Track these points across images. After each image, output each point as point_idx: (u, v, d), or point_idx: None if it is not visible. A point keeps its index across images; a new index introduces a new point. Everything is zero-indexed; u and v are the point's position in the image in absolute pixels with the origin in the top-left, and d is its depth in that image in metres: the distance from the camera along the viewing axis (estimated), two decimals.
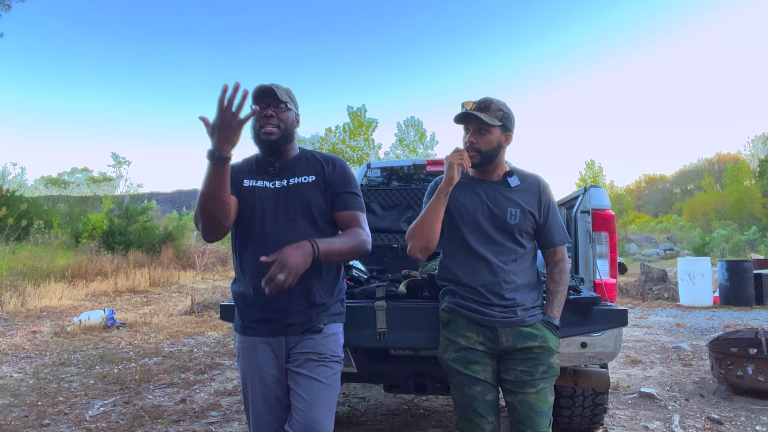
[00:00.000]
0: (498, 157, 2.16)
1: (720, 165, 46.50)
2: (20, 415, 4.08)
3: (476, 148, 2.12)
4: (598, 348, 2.49)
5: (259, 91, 1.98)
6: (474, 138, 2.12)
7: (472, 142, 2.12)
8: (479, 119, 2.09)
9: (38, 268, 11.22)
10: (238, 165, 2.11)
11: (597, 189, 3.03)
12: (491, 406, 2.07)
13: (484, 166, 2.17)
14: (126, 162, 27.42)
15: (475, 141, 2.12)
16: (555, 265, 2.19)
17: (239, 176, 2.05)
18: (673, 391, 4.63)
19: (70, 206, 20.27)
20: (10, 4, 14.37)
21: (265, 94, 1.98)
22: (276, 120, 1.99)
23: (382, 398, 4.48)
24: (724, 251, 25.82)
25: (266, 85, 1.98)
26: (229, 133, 1.71)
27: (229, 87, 1.67)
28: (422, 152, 26.35)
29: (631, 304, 10.76)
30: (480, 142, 2.11)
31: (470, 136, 2.13)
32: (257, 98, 1.98)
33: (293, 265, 1.73)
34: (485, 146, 2.12)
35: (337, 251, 1.89)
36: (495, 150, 2.13)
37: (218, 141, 1.72)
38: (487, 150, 2.12)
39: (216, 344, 6.85)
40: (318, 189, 2.02)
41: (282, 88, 2.04)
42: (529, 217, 2.14)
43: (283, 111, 2.01)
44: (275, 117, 1.98)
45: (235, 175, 2.03)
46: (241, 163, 2.13)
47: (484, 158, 2.14)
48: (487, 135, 2.11)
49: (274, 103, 1.99)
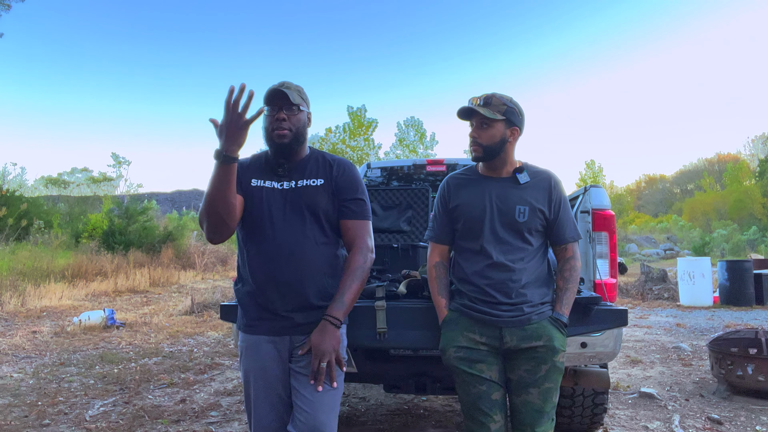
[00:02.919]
0: (504, 152, 2.14)
1: (720, 165, 46.49)
2: (20, 415, 4.08)
3: (478, 143, 2.12)
4: (598, 348, 2.48)
5: (271, 93, 1.96)
6: (476, 133, 2.12)
7: (474, 137, 2.12)
8: (479, 114, 2.09)
9: (38, 268, 11.22)
10: (246, 163, 2.10)
11: (597, 189, 3.02)
12: (497, 405, 2.07)
13: (488, 160, 2.15)
14: (126, 162, 27.43)
15: (477, 136, 2.12)
16: (566, 262, 2.17)
17: (247, 175, 2.04)
18: (673, 391, 4.63)
19: (70, 206, 20.26)
20: (10, 4, 14.38)
21: (276, 97, 1.96)
22: (288, 123, 1.97)
23: (382, 398, 4.48)
24: (724, 251, 25.82)
25: (278, 87, 1.96)
26: (236, 134, 1.75)
27: (235, 88, 1.71)
28: (422, 152, 26.33)
29: (631, 304, 10.76)
30: (482, 136, 2.11)
31: (472, 131, 2.13)
32: (269, 100, 1.97)
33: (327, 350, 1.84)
34: (487, 140, 2.11)
35: (352, 301, 1.94)
36: (498, 145, 2.12)
37: (225, 141, 1.76)
38: (489, 144, 2.11)
39: (216, 344, 6.85)
40: (325, 192, 2.01)
41: (294, 87, 2.01)
42: (539, 214, 2.12)
43: (295, 114, 1.99)
44: (287, 120, 1.97)
45: (243, 174, 2.03)
46: (250, 161, 2.11)
47: (487, 152, 2.13)
48: (489, 129, 2.10)
49: (286, 106, 1.97)
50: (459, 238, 2.21)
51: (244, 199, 2.00)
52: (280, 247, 1.93)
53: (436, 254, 2.27)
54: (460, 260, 2.20)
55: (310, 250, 1.95)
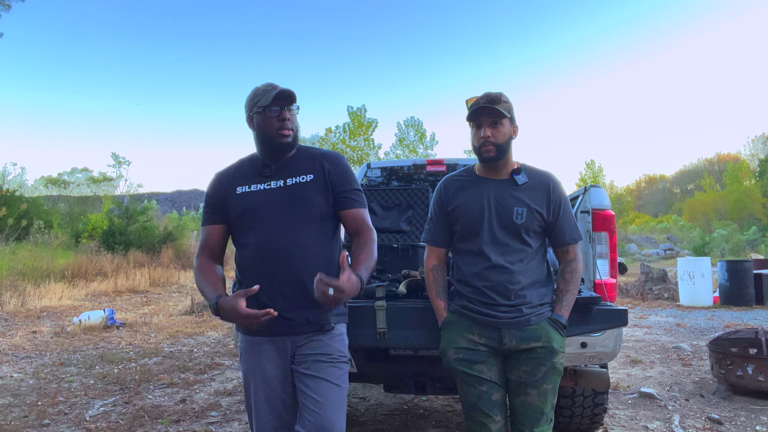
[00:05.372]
0: (509, 150, 2.15)
1: (720, 165, 46.46)
2: (20, 415, 4.08)
3: (492, 142, 2.09)
4: (598, 348, 2.48)
5: (283, 94, 1.96)
6: (489, 131, 2.09)
7: (487, 136, 2.08)
8: (494, 111, 2.06)
9: (38, 268, 11.22)
10: (230, 172, 2.10)
11: (597, 189, 3.02)
12: (497, 406, 2.07)
13: (499, 159, 2.13)
14: (126, 162, 27.35)
15: (491, 135, 2.09)
16: (567, 264, 2.17)
17: (233, 184, 2.04)
18: (673, 391, 4.63)
19: (70, 206, 20.27)
20: (10, 4, 14.35)
21: (284, 97, 1.97)
22: (290, 123, 1.99)
23: (382, 398, 4.48)
24: (724, 251, 25.81)
25: (286, 88, 1.97)
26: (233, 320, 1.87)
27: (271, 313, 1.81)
28: (422, 152, 26.31)
29: (631, 304, 10.75)
30: (495, 135, 2.09)
31: (485, 130, 2.09)
32: (278, 100, 1.97)
33: (346, 296, 1.76)
34: (501, 139, 2.09)
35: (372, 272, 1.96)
36: (508, 142, 2.12)
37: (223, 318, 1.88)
38: (502, 143, 2.10)
39: (216, 344, 6.85)
40: (317, 188, 2.00)
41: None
42: (537, 216, 2.11)
43: (295, 113, 2.02)
44: (290, 120, 1.99)
45: (229, 183, 2.05)
46: (234, 169, 2.11)
47: (500, 151, 2.10)
48: (501, 127, 2.09)
49: (289, 106, 1.99)
50: (457, 240, 2.20)
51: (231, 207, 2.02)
52: (275, 248, 1.93)
53: (433, 257, 2.26)
54: (458, 262, 2.19)
55: (307, 249, 1.94)
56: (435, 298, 2.22)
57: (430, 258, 2.27)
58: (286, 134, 1.97)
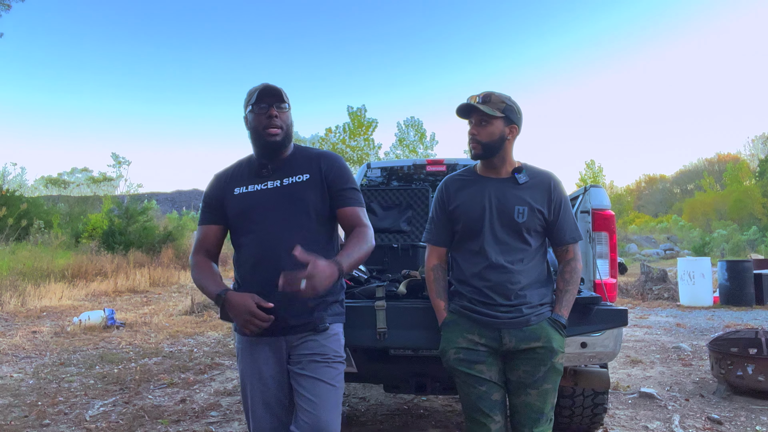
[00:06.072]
0: (502, 150, 2.14)
1: (720, 165, 46.45)
2: (20, 415, 4.08)
3: (477, 140, 2.12)
4: (598, 348, 2.48)
5: (264, 90, 1.95)
6: (475, 130, 2.12)
7: (473, 134, 2.12)
8: (479, 111, 2.08)
9: (38, 268, 11.22)
10: (229, 173, 2.09)
11: (597, 189, 3.02)
12: (497, 406, 2.07)
13: (487, 158, 2.15)
14: (126, 162, 27.36)
15: (477, 133, 2.11)
16: (566, 264, 2.17)
17: (231, 185, 2.04)
18: (673, 391, 4.63)
19: (70, 206, 20.28)
20: (10, 4, 14.37)
21: (270, 94, 1.95)
22: (279, 120, 1.97)
23: (382, 398, 4.48)
24: (724, 251, 25.81)
25: (270, 85, 1.95)
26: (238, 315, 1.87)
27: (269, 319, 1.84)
28: (422, 152, 26.31)
29: (631, 304, 10.75)
30: (481, 133, 2.11)
31: (471, 128, 2.13)
32: (262, 97, 1.95)
33: (319, 282, 1.71)
34: (486, 138, 2.10)
35: (357, 262, 1.91)
36: (497, 142, 2.12)
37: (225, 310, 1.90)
38: (488, 142, 2.11)
39: (216, 344, 6.85)
40: (313, 187, 2.00)
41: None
42: (538, 215, 2.11)
43: (285, 111, 2.00)
44: (278, 118, 1.97)
45: (227, 184, 2.05)
46: (233, 170, 2.11)
47: (486, 150, 2.12)
48: (488, 127, 2.10)
49: (278, 104, 1.97)
50: (458, 239, 2.20)
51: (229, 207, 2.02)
52: (271, 248, 1.92)
53: (434, 257, 2.27)
54: (459, 261, 2.19)
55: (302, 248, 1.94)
56: (435, 298, 2.22)
57: (431, 258, 2.27)
58: (273, 132, 1.96)
